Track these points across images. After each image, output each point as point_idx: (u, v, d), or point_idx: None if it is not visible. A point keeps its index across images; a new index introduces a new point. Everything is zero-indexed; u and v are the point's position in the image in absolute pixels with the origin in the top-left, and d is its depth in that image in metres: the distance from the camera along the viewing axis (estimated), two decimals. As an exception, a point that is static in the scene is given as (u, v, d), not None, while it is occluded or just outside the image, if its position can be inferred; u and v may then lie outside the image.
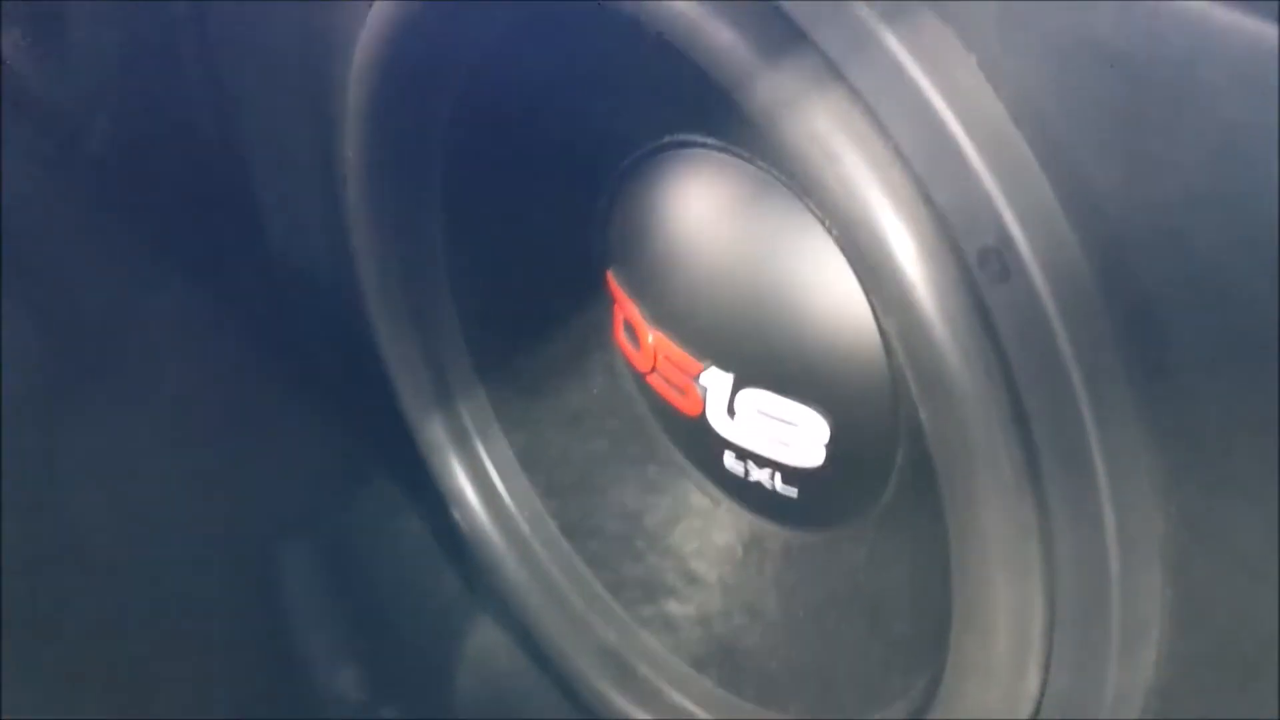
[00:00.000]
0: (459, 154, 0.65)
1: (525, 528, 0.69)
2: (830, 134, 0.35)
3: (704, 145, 0.57)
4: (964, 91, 0.34)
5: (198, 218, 0.92)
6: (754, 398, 0.57)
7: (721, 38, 0.37)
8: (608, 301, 0.65)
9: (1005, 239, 0.34)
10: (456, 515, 0.71)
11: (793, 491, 0.56)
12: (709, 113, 0.56)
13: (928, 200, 0.34)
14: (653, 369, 0.61)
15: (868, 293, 0.46)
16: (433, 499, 0.73)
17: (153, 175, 0.94)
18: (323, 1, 0.66)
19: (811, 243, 0.53)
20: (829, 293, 0.53)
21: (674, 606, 0.67)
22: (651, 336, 0.60)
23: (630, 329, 0.62)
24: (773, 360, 0.56)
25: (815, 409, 0.55)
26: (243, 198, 0.87)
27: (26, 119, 1.04)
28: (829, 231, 0.50)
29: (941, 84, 0.34)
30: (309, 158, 0.77)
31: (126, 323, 0.93)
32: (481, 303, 0.69)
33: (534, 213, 0.66)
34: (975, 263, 0.36)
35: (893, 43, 0.35)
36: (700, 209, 0.57)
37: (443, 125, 0.63)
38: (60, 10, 0.89)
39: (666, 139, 0.58)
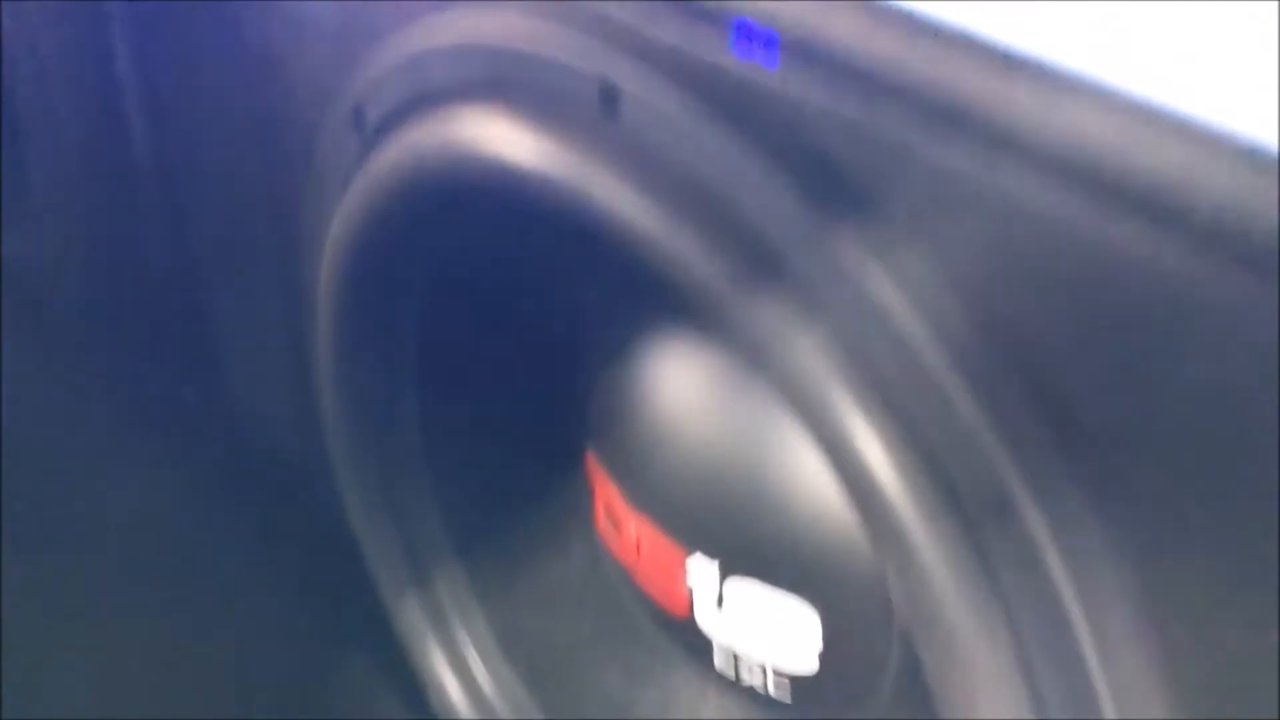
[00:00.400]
0: (434, 330, 0.63)
1: (506, 716, 0.66)
2: (816, 373, 0.34)
3: (684, 327, 0.55)
4: (951, 331, 0.32)
5: (165, 389, 0.91)
6: (742, 588, 0.55)
7: (700, 271, 0.36)
8: (588, 481, 0.63)
9: (1001, 486, 0.32)
10: (434, 702, 0.68)
11: (785, 694, 0.53)
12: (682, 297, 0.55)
13: (921, 444, 0.33)
14: (636, 557, 0.59)
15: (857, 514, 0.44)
16: (410, 683, 0.70)
17: (118, 340, 0.92)
18: (293, 178, 0.66)
19: (798, 430, 0.51)
20: (817, 480, 0.51)
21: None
22: (633, 525, 0.58)
23: (611, 514, 0.60)
24: (760, 546, 0.53)
25: (806, 600, 0.53)
26: (210, 368, 0.86)
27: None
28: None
29: (929, 323, 0.32)
30: (278, 331, 0.76)
31: (89, 491, 0.91)
32: (459, 480, 0.67)
33: (511, 390, 0.64)
34: (972, 507, 0.34)
35: (878, 275, 0.34)
36: (682, 390, 0.56)
37: (417, 302, 0.62)
38: (24, 173, 0.89)
39: (645, 319, 0.57)
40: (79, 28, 0.76)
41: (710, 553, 0.55)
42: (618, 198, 0.40)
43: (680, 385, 0.56)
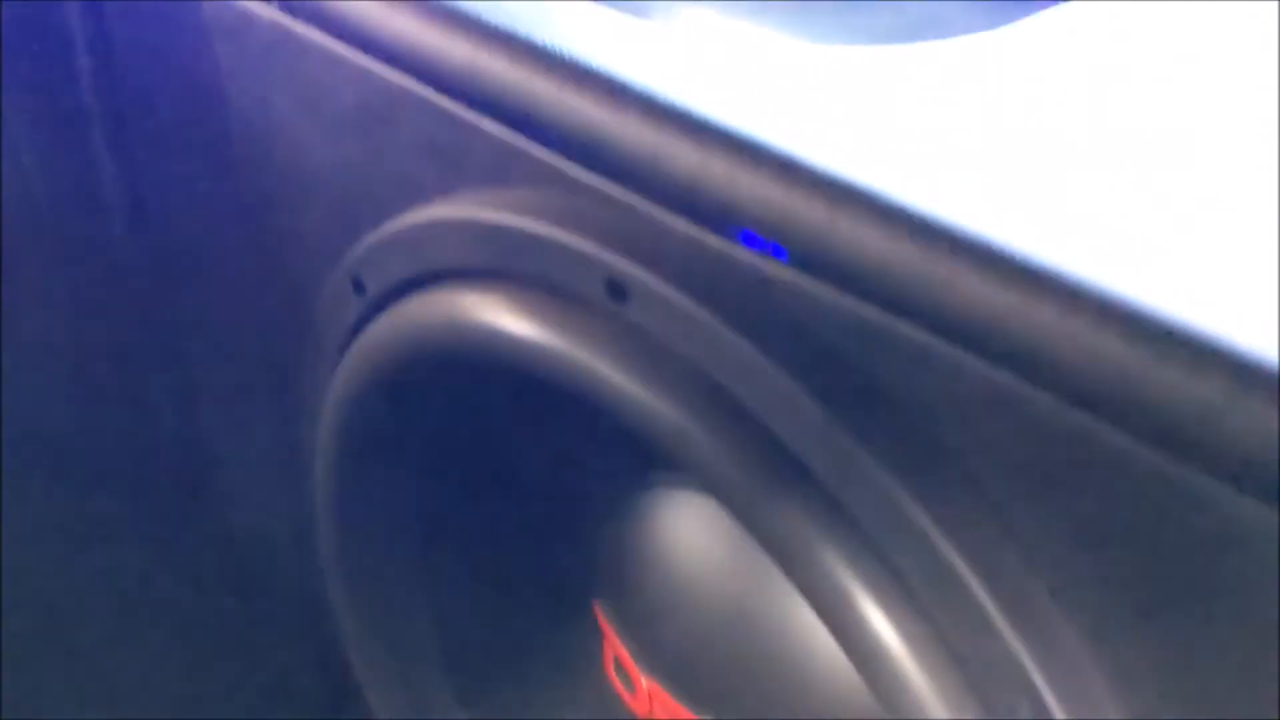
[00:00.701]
0: (435, 480, 0.63)
1: None
2: (847, 587, 0.34)
3: (694, 488, 0.55)
4: (991, 560, 0.33)
5: (164, 534, 0.90)
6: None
7: (719, 472, 0.36)
8: (597, 631, 0.63)
9: (1039, 704, 0.32)
10: None
11: None
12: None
13: (953, 657, 0.33)
14: (649, 709, 0.58)
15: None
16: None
17: (116, 474, 0.92)
18: (290, 331, 0.66)
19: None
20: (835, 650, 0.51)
21: None
22: (644, 682, 0.57)
23: (621, 667, 0.60)
24: (774, 713, 0.53)
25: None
26: (210, 506, 0.85)
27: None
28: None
29: (967, 549, 0.33)
30: (277, 474, 0.76)
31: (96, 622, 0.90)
32: (461, 625, 0.66)
33: (517, 539, 0.64)
34: (994, 693, 0.34)
35: (897, 487, 0.34)
36: (692, 552, 0.56)
37: (418, 456, 0.62)
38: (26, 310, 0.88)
39: (654, 476, 0.57)
40: (73, 175, 0.76)
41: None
42: (630, 390, 0.40)
43: (689, 547, 0.56)
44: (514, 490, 0.63)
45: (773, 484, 0.37)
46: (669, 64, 0.45)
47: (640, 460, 0.57)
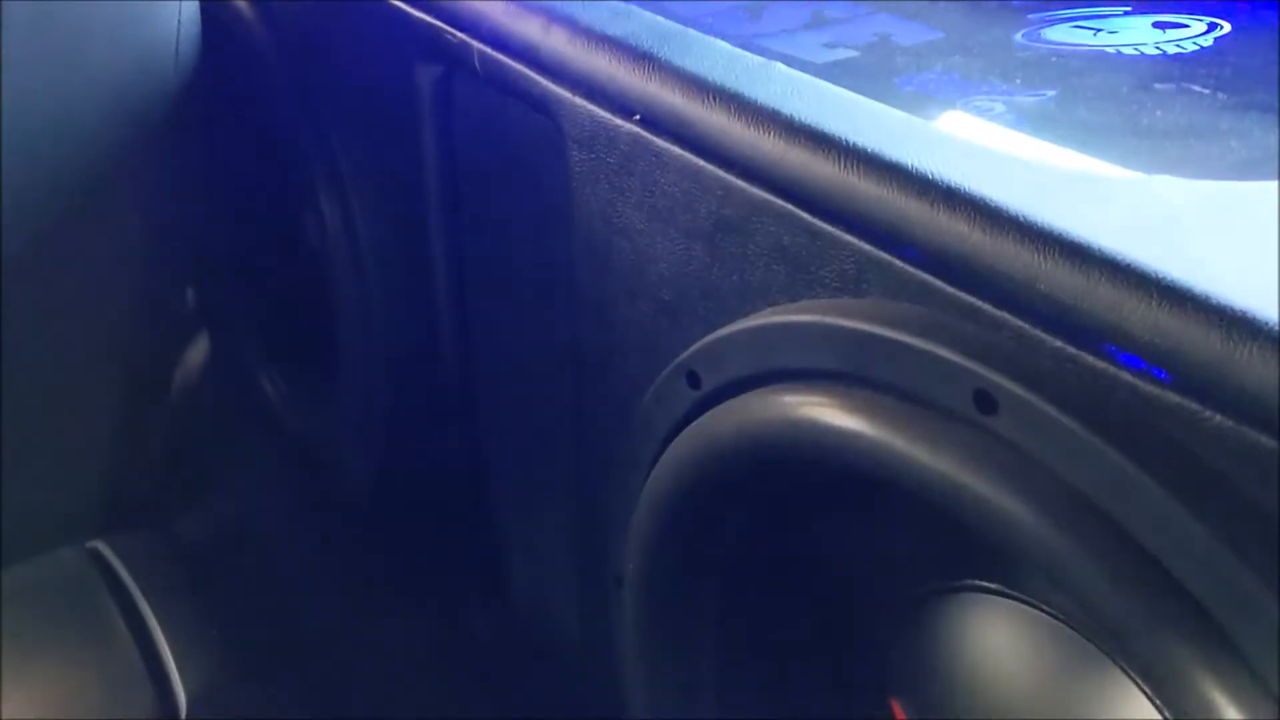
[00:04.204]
0: (740, 571, 0.65)
1: None
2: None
3: (1003, 595, 0.56)
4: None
5: (443, 562, 0.95)
6: None
7: (1106, 596, 0.37)
8: (891, 725, 0.64)
9: None
10: None
11: None
12: (1009, 564, 0.56)
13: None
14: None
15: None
16: None
17: (405, 519, 0.98)
18: (611, 421, 0.70)
19: (1131, 709, 0.51)
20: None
21: None
22: (949, 783, 0.58)
23: (922, 767, 0.61)
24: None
25: None
26: (498, 587, 0.90)
27: (289, 457, 1.11)
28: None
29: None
30: (567, 552, 0.80)
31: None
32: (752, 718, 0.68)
33: (814, 633, 0.66)
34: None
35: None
36: (1001, 660, 0.56)
37: (730, 546, 0.64)
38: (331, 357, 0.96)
39: (958, 583, 0.58)
40: (406, 262, 0.84)
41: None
42: (999, 502, 0.42)
43: (1002, 656, 0.56)
44: (815, 588, 0.65)
45: (1153, 609, 0.38)
46: (1028, 188, 0.47)
47: (953, 565, 0.58)
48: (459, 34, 0.72)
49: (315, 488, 1.07)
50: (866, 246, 0.49)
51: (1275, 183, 0.48)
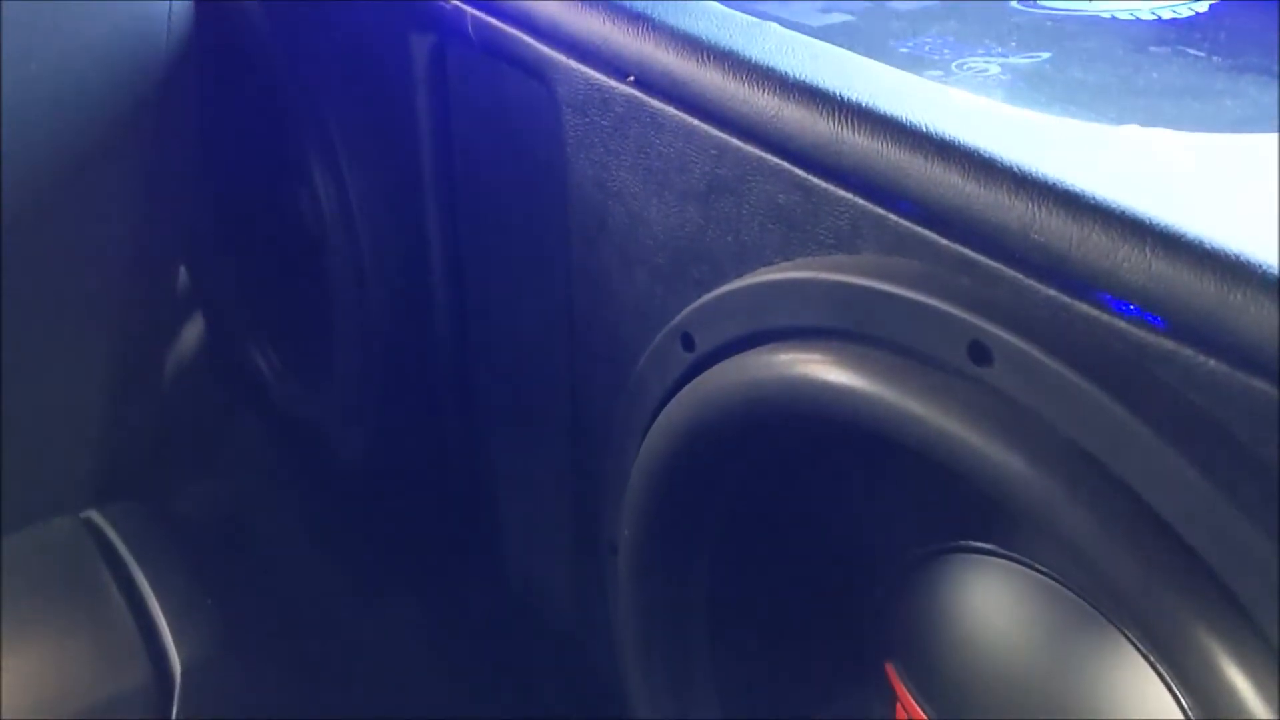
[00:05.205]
0: (731, 531, 0.65)
1: None
2: (1232, 681, 0.35)
3: (998, 555, 0.56)
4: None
5: (437, 540, 0.95)
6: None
7: (1101, 547, 0.37)
8: (886, 693, 0.64)
9: None
10: None
11: None
12: (1005, 524, 0.56)
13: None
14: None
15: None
16: None
17: (399, 494, 0.98)
18: (604, 384, 0.70)
19: (1131, 672, 0.51)
20: (1150, 717, 0.50)
21: None
22: (945, 747, 0.58)
23: (917, 731, 0.61)
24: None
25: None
26: (488, 530, 0.90)
27: (283, 434, 1.11)
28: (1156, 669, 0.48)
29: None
30: (561, 519, 0.80)
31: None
32: (749, 683, 0.68)
33: (807, 598, 0.66)
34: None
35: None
36: (997, 622, 0.56)
37: (721, 505, 0.64)
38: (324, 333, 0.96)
39: (952, 544, 0.58)
40: (399, 230, 0.83)
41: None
42: (993, 454, 0.42)
43: (997, 617, 0.56)
44: (809, 551, 0.65)
45: (1150, 561, 0.38)
46: (1022, 141, 0.47)
47: (947, 526, 0.58)
48: (453, 0, 0.72)
49: (309, 464, 1.07)
50: (861, 202, 0.49)
51: (1273, 135, 0.48)
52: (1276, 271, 0.37)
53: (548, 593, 0.86)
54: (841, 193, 0.50)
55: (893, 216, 0.48)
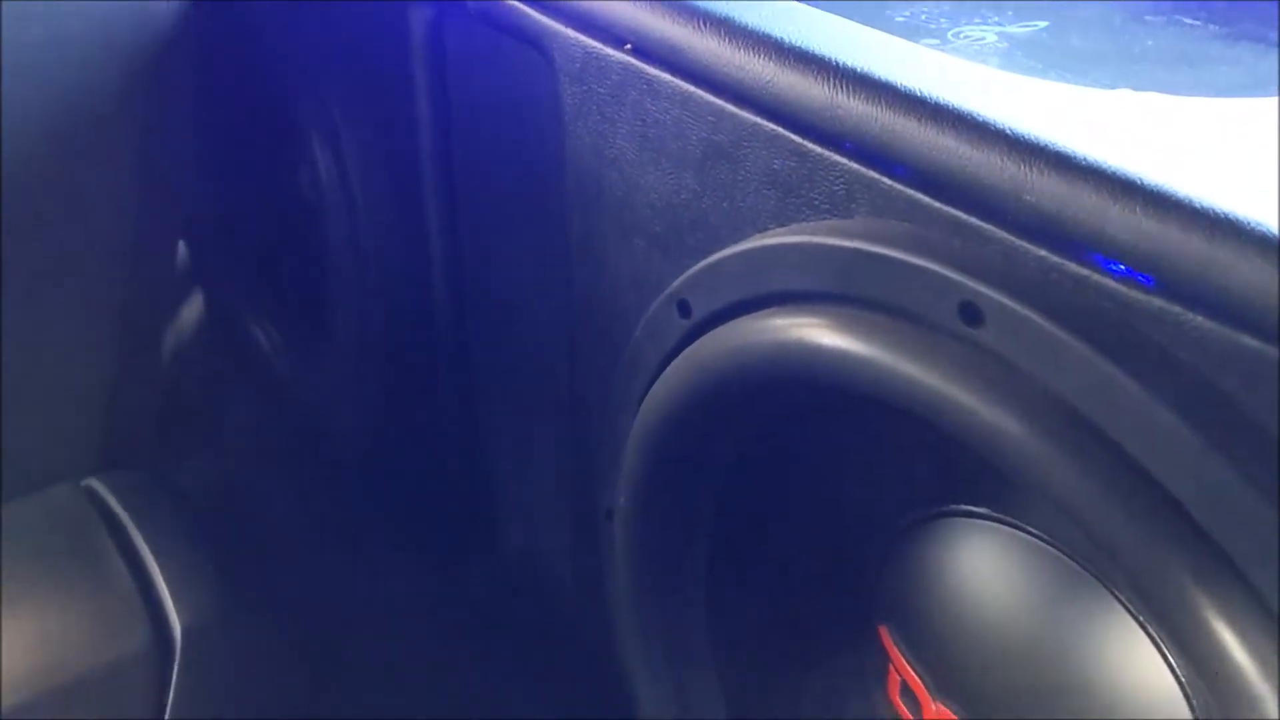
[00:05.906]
0: (727, 496, 0.66)
1: None
2: (1222, 637, 0.35)
3: (990, 519, 0.57)
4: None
5: (436, 508, 0.96)
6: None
7: (1093, 505, 0.38)
8: (879, 655, 0.64)
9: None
10: None
11: None
12: (997, 488, 0.56)
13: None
14: (939, 742, 0.60)
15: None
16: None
17: (398, 468, 0.98)
18: (601, 351, 0.71)
19: (1121, 632, 0.51)
20: (1140, 676, 0.51)
21: None
22: (935, 708, 0.59)
23: (909, 692, 0.61)
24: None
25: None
26: (486, 499, 0.91)
27: (283, 408, 1.11)
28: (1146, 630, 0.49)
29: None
30: (558, 487, 0.80)
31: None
32: (742, 644, 0.69)
33: (801, 562, 0.66)
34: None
35: None
36: (988, 584, 0.57)
37: (717, 471, 0.65)
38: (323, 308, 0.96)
39: (944, 508, 0.59)
40: (397, 202, 0.84)
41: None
42: (985, 413, 0.42)
43: (988, 579, 0.57)
44: (803, 516, 0.66)
45: (1143, 521, 0.38)
46: (1015, 104, 0.47)
47: (939, 490, 0.59)
48: (451, -30, 0.72)
49: (308, 436, 1.08)
50: (855, 166, 0.50)
51: (1267, 99, 0.48)
52: (1261, 228, 0.37)
53: (546, 561, 0.87)
54: (836, 158, 0.50)
55: (886, 180, 0.48)
